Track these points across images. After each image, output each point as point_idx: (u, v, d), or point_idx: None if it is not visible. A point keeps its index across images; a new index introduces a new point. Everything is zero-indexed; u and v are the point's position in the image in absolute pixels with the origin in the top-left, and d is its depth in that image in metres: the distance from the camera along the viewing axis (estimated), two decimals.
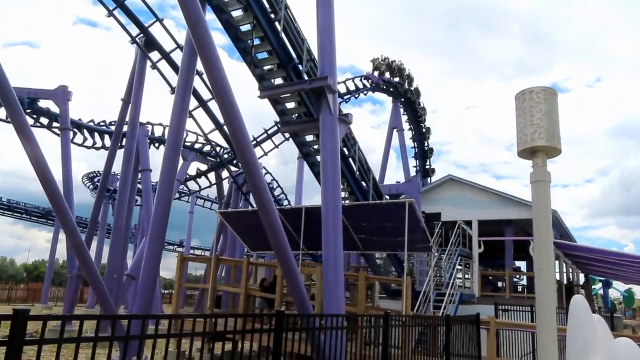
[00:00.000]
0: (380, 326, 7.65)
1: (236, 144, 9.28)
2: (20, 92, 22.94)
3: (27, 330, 3.19)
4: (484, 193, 24.88)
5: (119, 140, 22.27)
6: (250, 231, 16.35)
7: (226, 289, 15.12)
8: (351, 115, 12.01)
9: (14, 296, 41.87)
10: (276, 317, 5.11)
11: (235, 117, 9.11)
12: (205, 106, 21.39)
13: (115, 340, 3.80)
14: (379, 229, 14.21)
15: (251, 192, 9.78)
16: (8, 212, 44.79)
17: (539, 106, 4.27)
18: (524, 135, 4.30)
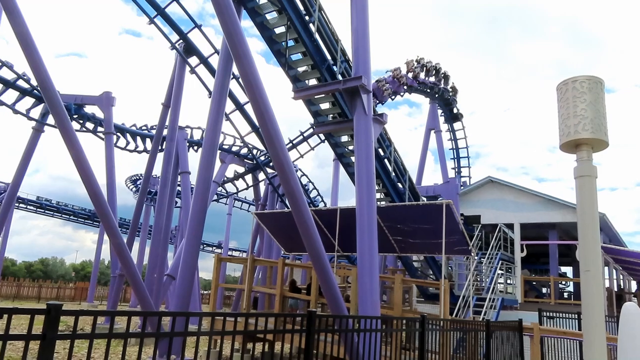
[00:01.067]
0: (417, 330, 7.47)
1: (270, 146, 9.30)
2: (67, 98, 24.00)
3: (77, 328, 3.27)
4: (525, 195, 24.11)
5: (159, 144, 22.83)
6: (286, 232, 16.38)
7: (262, 289, 15.18)
8: (386, 115, 11.85)
9: (63, 295, 43.58)
10: (307, 318, 5.05)
11: (270, 120, 9.15)
12: (241, 109, 21.71)
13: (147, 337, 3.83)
14: (415, 231, 13.96)
15: (285, 193, 9.78)
16: (57, 214, 46.73)
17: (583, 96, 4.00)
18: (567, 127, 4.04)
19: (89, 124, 25.64)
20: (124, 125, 27.68)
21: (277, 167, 9.42)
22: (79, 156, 12.08)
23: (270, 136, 9.11)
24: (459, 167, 38.75)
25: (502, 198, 24.62)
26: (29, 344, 3.05)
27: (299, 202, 9.23)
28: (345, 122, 12.78)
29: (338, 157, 16.13)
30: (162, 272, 19.02)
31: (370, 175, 10.58)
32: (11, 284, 42.78)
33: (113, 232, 12.47)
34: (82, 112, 25.14)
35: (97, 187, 12.12)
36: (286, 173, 9.18)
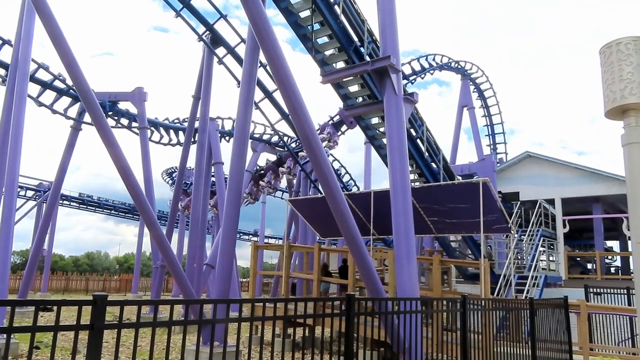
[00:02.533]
0: (458, 310, 7.40)
1: (301, 133, 9.29)
2: (101, 96, 24.63)
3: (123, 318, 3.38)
4: (566, 169, 23.38)
5: (191, 136, 23.21)
6: (321, 218, 16.47)
7: (299, 275, 15.35)
8: (417, 95, 11.65)
9: (109, 287, 45.35)
10: (346, 301, 5.07)
11: (299, 106, 9.13)
12: (270, 97, 21.77)
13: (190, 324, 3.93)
14: (452, 211, 13.79)
15: (318, 179, 9.78)
16: (99, 209, 48.37)
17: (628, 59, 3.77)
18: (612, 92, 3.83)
19: (123, 120, 26.27)
20: (157, 120, 28.25)
21: (309, 153, 9.41)
22: (116, 152, 12.38)
23: (301, 122, 9.09)
24: (495, 143, 37.93)
25: (542, 173, 23.96)
26: (78, 333, 3.17)
27: (332, 187, 9.23)
28: (375, 104, 12.64)
29: (369, 139, 16.00)
30: (202, 261, 19.43)
31: (403, 156, 10.45)
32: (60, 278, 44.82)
33: (152, 224, 12.80)
34: (116, 108, 25.77)
35: (134, 181, 12.43)
36: (318, 159, 9.18)
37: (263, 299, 4.64)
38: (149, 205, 12.85)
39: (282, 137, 27.52)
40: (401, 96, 10.97)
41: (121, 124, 26.11)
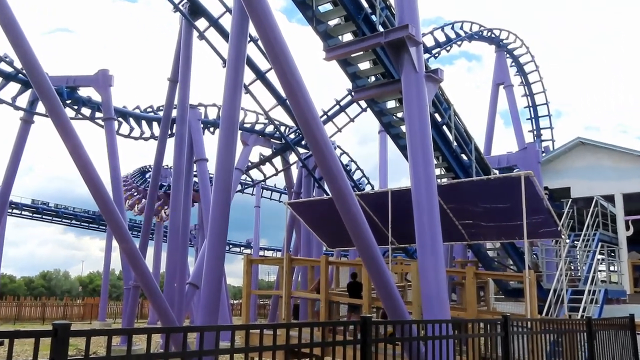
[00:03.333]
0: (498, 334, 7.40)
1: (301, 121, 9.30)
2: (58, 81, 24.69)
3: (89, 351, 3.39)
4: (628, 158, 23.28)
5: (168, 127, 23.29)
6: (328, 224, 16.44)
7: (303, 294, 15.36)
8: (441, 71, 11.63)
9: (70, 313, 45.54)
10: (361, 325, 5.07)
11: (298, 88, 9.14)
12: (263, 78, 21.81)
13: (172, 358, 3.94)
14: (488, 213, 13.74)
15: (323, 176, 9.79)
16: (57, 219, 48.66)
17: None
18: None
19: (85, 110, 26.37)
20: (125, 109, 28.34)
21: (312, 145, 9.42)
22: (77, 149, 12.47)
23: (301, 108, 9.10)
24: (538, 128, 37.90)
25: (598, 164, 23.87)
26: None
27: (340, 186, 9.23)
28: (391, 84, 12.61)
29: (385, 127, 15.94)
30: (183, 280, 19.54)
31: (427, 147, 10.44)
32: (10, 304, 44.98)
33: (123, 236, 12.87)
34: (76, 95, 25.85)
35: (100, 184, 12.51)
36: (323, 152, 9.18)
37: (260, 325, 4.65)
38: (118, 212, 12.94)
39: (279, 126, 27.56)
40: (422, 74, 10.95)
41: (82, 115, 26.20)
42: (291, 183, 31.08)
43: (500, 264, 20.44)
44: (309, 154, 26.75)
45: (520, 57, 35.97)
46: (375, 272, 9.61)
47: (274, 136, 28.93)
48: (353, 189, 11.96)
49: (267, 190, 46.29)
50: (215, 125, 29.08)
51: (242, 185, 37.21)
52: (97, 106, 26.05)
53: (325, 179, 9.38)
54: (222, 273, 12.21)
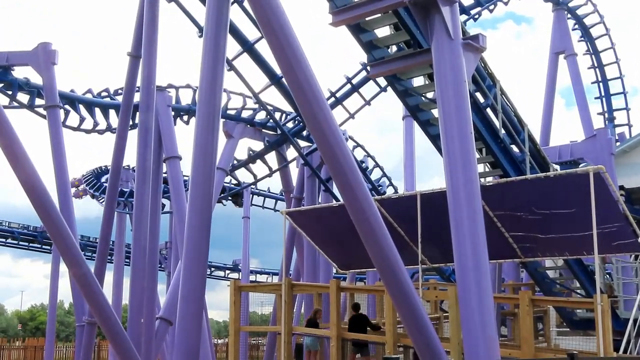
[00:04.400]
0: None
1: (302, 105, 9.35)
2: None
3: None
4: None
5: (129, 116, 23.28)
6: (338, 239, 16.47)
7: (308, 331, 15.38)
8: (484, 37, 11.63)
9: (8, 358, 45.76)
10: None
11: (298, 63, 9.19)
12: (251, 51, 21.80)
13: None
14: (546, 221, 13.74)
15: (332, 177, 9.81)
16: None
17: None
18: None
19: (22, 96, 26.36)
20: (74, 93, 28.35)
21: (316, 137, 9.46)
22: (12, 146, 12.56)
23: (301, 88, 9.14)
24: (611, 110, 37.77)
25: None
26: None
27: (354, 189, 9.26)
28: (418, 55, 12.61)
29: (411, 112, 15.93)
30: (152, 314, 19.53)
31: (466, 137, 10.45)
32: None
33: (74, 259, 12.94)
34: (8, 77, 25.82)
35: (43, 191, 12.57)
36: (330, 145, 9.22)
37: None
38: (67, 228, 13.00)
39: (272, 112, 27.56)
40: (459, 41, 10.96)
41: (18, 102, 26.22)
42: (289, 186, 31.05)
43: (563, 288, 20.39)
44: (312, 147, 26.71)
45: (586, 18, 35.82)
46: (402, 300, 9.63)
47: (266, 125, 28.92)
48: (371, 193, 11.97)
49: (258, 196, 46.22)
50: (190, 112, 29.07)
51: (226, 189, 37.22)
52: (38, 91, 26.05)
53: (335, 180, 9.41)
54: (202, 304, 12.24)
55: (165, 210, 33.31)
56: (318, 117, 9.19)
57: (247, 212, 42.35)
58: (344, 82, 27.27)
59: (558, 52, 32.87)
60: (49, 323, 40.76)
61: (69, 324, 74.58)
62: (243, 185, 35.77)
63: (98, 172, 43.54)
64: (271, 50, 9.36)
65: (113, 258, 35.52)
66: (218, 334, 74.47)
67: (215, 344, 43.80)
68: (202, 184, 11.90)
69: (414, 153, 29.29)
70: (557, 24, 33.33)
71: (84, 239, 47.33)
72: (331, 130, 9.32)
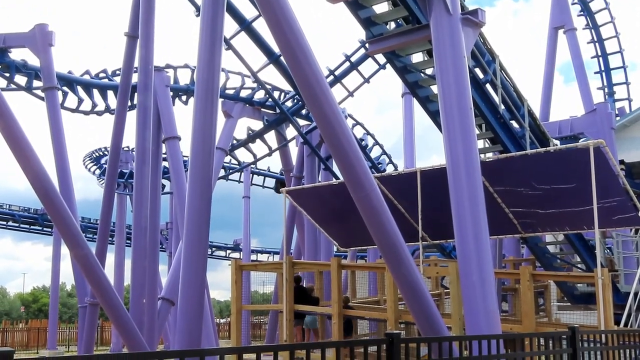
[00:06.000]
0: (564, 351, 7.45)
1: (301, 83, 9.31)
2: None
3: None
4: None
5: (128, 97, 23.26)
6: (339, 217, 16.50)
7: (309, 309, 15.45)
8: (482, 12, 11.58)
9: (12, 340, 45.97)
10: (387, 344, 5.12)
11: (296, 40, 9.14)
12: (249, 29, 21.72)
13: None
14: (547, 196, 13.75)
15: (332, 155, 9.79)
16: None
17: None
18: None
19: (19, 78, 26.33)
20: (71, 75, 28.30)
21: (316, 115, 9.43)
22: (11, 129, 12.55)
23: (300, 66, 9.11)
24: (610, 85, 37.66)
25: None
26: None
27: (354, 166, 9.25)
28: (416, 31, 12.57)
29: (410, 89, 15.90)
30: (154, 294, 19.63)
31: (466, 112, 10.44)
32: None
33: (75, 241, 12.96)
34: (6, 59, 25.81)
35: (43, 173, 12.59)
36: (330, 123, 9.20)
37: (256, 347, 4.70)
38: (67, 210, 13.02)
39: (271, 91, 27.51)
40: (458, 16, 10.92)
41: (16, 84, 26.20)
42: (289, 165, 31.07)
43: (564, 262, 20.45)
44: (311, 126, 26.71)
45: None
46: (403, 277, 9.65)
47: (265, 104, 28.89)
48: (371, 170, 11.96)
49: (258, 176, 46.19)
50: (188, 92, 29.03)
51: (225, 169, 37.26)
52: (35, 72, 26.01)
53: (335, 158, 9.40)
54: (204, 284, 12.28)
55: (165, 191, 33.38)
56: (317, 95, 9.17)
57: (247, 192, 42.36)
58: (343, 60, 27.21)
59: (557, 27, 32.67)
60: (52, 305, 41.09)
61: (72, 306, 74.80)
62: (243, 165, 35.85)
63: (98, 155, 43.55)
64: (269, 28, 9.32)
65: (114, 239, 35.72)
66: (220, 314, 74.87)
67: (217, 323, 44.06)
68: (202, 165, 11.89)
69: (414, 130, 29.29)
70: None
71: (85, 221, 47.45)
72: (331, 109, 9.30)
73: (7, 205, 49.63)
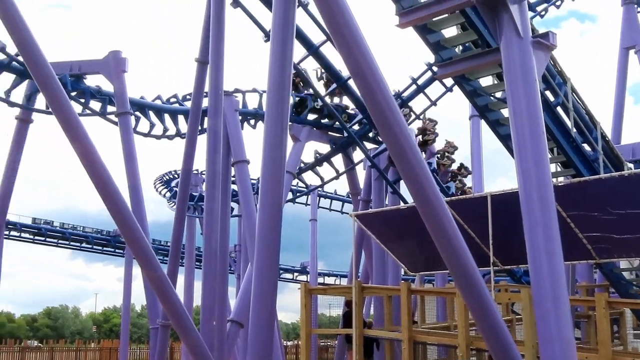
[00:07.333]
0: None
1: (372, 106, 9.37)
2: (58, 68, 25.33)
3: None
4: None
5: (198, 122, 23.71)
6: (407, 241, 16.44)
7: (379, 333, 15.38)
8: (554, 35, 11.43)
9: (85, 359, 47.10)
10: None
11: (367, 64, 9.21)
12: (316, 54, 21.95)
13: None
14: (622, 221, 13.40)
15: (404, 179, 9.79)
16: (63, 241, 50.15)
17: None
18: None
19: (94, 103, 27.04)
20: (143, 100, 28.94)
21: (385, 138, 9.47)
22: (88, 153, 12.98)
23: (370, 90, 9.18)
24: None
25: None
26: None
27: (426, 190, 9.24)
28: (486, 54, 12.49)
29: (479, 112, 15.79)
30: (223, 316, 19.84)
31: (538, 137, 10.31)
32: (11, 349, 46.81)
33: (149, 263, 13.25)
34: (82, 86, 26.47)
35: (118, 196, 12.96)
36: (402, 146, 9.22)
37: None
38: (141, 232, 13.35)
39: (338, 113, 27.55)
40: (529, 39, 10.82)
41: (91, 110, 26.86)
42: (357, 188, 31.01)
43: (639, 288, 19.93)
44: (379, 149, 26.66)
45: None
46: (476, 303, 9.56)
47: (332, 127, 28.96)
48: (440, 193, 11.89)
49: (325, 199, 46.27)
50: (257, 116, 29.30)
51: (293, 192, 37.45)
52: (109, 98, 26.66)
53: (406, 182, 9.42)
54: (274, 307, 12.36)
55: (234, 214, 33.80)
56: (388, 118, 9.20)
57: (314, 215, 42.50)
58: (410, 83, 27.15)
59: (628, 47, 32.10)
60: (123, 325, 41.83)
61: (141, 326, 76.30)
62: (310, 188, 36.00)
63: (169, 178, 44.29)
64: (339, 52, 9.42)
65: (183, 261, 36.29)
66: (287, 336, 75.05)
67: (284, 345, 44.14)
68: (272, 188, 12.01)
69: (482, 153, 28.99)
70: (627, 18, 32.60)
71: (155, 243, 48.33)
72: (401, 132, 9.31)
73: (82, 227, 51.01)
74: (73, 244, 50.57)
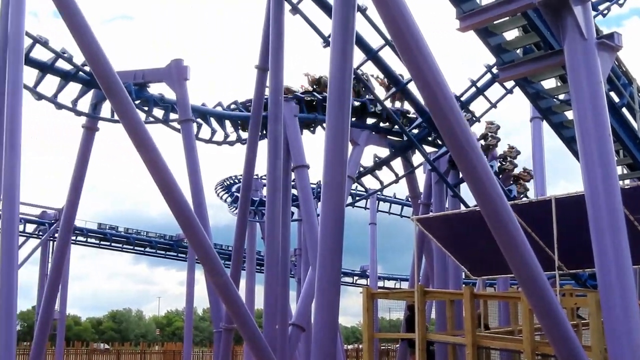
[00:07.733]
0: None
1: (434, 109, 9.37)
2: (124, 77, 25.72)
3: None
4: None
5: (259, 128, 23.95)
6: (469, 245, 16.33)
7: (441, 338, 15.31)
8: (619, 36, 11.24)
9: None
10: None
11: (428, 68, 9.22)
12: (375, 58, 21.97)
13: None
14: None
15: (467, 182, 9.76)
16: (127, 246, 51.27)
17: None
18: None
19: (157, 111, 27.55)
20: (205, 107, 29.37)
21: (448, 140, 9.46)
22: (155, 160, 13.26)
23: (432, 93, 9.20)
24: None
25: None
26: None
27: (489, 193, 9.21)
28: (549, 57, 12.34)
29: (542, 114, 15.65)
30: (285, 320, 19.95)
31: (604, 139, 10.15)
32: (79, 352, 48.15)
33: (214, 267, 13.46)
34: (146, 94, 26.95)
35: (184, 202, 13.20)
36: (464, 149, 9.21)
37: None
38: (206, 237, 13.59)
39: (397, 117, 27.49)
40: (593, 41, 10.66)
41: (154, 117, 27.36)
42: (416, 192, 30.85)
43: None
44: (439, 152, 26.50)
45: None
46: (543, 307, 9.47)
47: (391, 131, 28.90)
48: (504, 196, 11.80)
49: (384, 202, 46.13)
50: (315, 121, 29.47)
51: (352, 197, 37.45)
52: (172, 106, 27.12)
53: (470, 185, 9.38)
54: (337, 312, 12.42)
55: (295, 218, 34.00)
56: (450, 122, 9.18)
57: (373, 219, 42.44)
58: (469, 86, 26.94)
59: None
60: (186, 329, 42.53)
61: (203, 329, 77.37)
62: (369, 192, 36.00)
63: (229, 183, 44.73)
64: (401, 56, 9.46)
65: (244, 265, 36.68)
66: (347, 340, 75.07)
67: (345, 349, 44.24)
68: (334, 192, 12.09)
69: (544, 156, 28.48)
70: None
71: (216, 247, 48.86)
72: (464, 135, 9.28)
73: (145, 232, 52.02)
74: (137, 248, 51.60)
